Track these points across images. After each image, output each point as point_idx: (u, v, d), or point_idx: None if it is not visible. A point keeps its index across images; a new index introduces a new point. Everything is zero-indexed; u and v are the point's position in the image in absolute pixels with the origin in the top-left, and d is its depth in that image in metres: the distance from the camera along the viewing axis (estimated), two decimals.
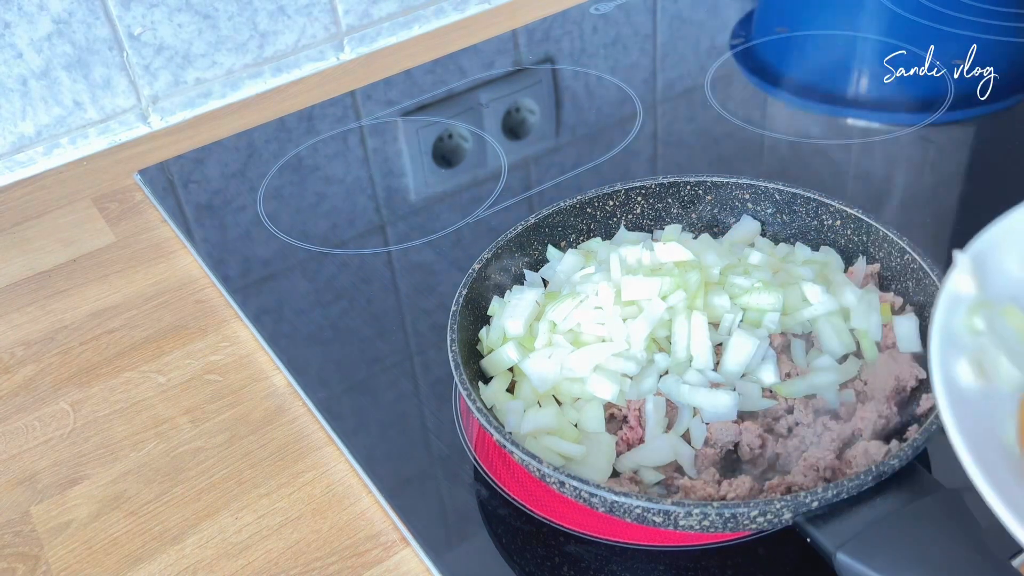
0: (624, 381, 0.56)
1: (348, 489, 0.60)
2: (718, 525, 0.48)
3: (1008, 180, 0.79)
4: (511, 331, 0.60)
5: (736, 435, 0.54)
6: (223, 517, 0.59)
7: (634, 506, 0.48)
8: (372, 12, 1.08)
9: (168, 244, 0.83)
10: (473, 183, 0.86)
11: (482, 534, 0.55)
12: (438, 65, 1.04)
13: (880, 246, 0.63)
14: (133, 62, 0.96)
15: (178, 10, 0.96)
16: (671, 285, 0.58)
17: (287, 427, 0.64)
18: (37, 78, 0.92)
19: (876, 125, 0.88)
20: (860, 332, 0.59)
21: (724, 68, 0.98)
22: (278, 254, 0.79)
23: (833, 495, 0.47)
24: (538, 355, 0.59)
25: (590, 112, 0.94)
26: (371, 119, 0.96)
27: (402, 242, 0.79)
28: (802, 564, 0.52)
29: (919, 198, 0.78)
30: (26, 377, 0.71)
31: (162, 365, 0.70)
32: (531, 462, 0.50)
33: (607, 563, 0.53)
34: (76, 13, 0.91)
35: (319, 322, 0.72)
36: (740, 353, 0.56)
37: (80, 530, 0.59)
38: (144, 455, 0.63)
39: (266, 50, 1.03)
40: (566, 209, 0.68)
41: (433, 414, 0.63)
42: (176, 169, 0.92)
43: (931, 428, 0.50)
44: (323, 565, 0.55)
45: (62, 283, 0.80)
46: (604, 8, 1.11)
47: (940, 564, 0.44)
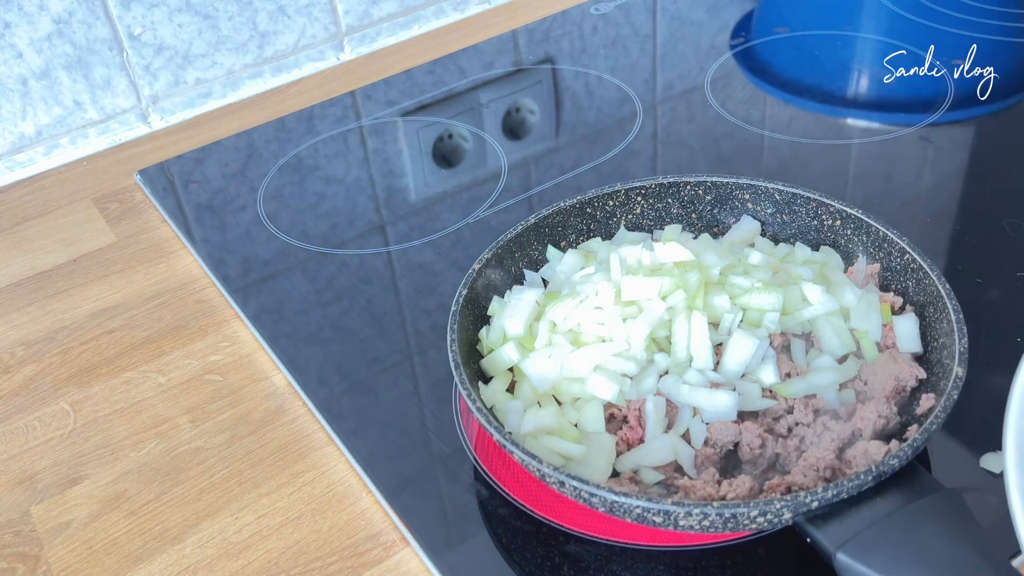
0: (624, 381, 0.56)
1: (348, 489, 0.60)
2: (718, 525, 0.48)
3: (1008, 180, 0.79)
4: (511, 331, 0.60)
5: (736, 435, 0.54)
6: (223, 517, 0.59)
7: (634, 506, 0.48)
8: (372, 12, 1.08)
9: (168, 244, 0.83)
10: (473, 183, 0.86)
11: (482, 534, 0.55)
12: (438, 65, 1.04)
13: (880, 246, 0.63)
14: (133, 62, 0.96)
15: (178, 10, 0.96)
16: (671, 285, 0.58)
17: (287, 427, 0.64)
18: (37, 78, 0.92)
19: (876, 125, 0.88)
20: (860, 332, 0.59)
21: (724, 68, 0.98)
22: (278, 254, 0.79)
23: (833, 495, 0.47)
24: (538, 355, 0.59)
25: (590, 112, 0.94)
26: (371, 119, 0.96)
27: (402, 242, 0.79)
28: (802, 564, 0.52)
29: (919, 198, 0.78)
30: (26, 377, 0.71)
31: (162, 365, 0.70)
32: (531, 462, 0.50)
33: (607, 563, 0.53)
34: (76, 13, 0.91)
35: (319, 322, 0.72)
36: (740, 353, 0.56)
37: (80, 530, 0.59)
38: (144, 455, 0.63)
39: (266, 50, 1.03)
40: (566, 209, 0.68)
41: (433, 414, 0.63)
42: (176, 169, 0.92)
43: (931, 428, 0.50)
44: (323, 565, 0.55)
45: (62, 283, 0.80)
46: (604, 8, 1.11)
47: (940, 564, 0.44)
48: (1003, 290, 0.67)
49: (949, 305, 0.56)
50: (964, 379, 0.52)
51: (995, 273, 0.68)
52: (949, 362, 0.54)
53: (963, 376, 0.52)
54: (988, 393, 0.58)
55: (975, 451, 0.56)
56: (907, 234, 0.61)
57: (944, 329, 0.56)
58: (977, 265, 0.69)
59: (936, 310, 0.58)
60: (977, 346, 0.54)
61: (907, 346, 0.58)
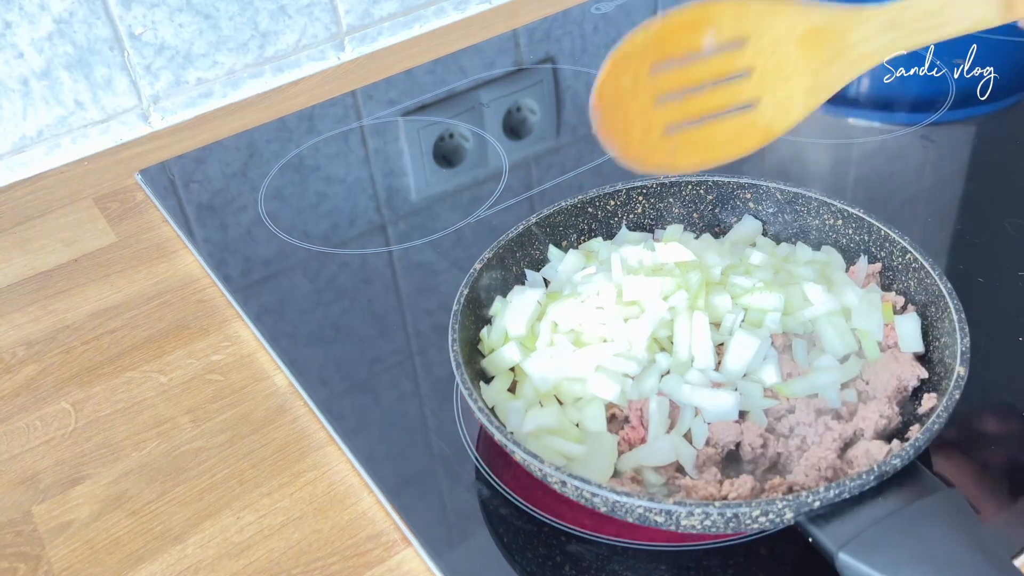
0: (625, 381, 0.56)
1: (349, 489, 0.60)
2: (720, 525, 0.48)
3: (1008, 179, 0.79)
4: (513, 331, 0.60)
5: (737, 435, 0.54)
6: (224, 517, 0.59)
7: (636, 506, 0.48)
8: (373, 12, 1.08)
9: (169, 244, 0.83)
10: (474, 183, 0.86)
11: (483, 534, 0.55)
12: (439, 65, 1.04)
13: (882, 245, 0.63)
14: (134, 62, 0.96)
15: (179, 10, 0.96)
16: (672, 285, 0.58)
17: (288, 427, 0.64)
18: (38, 78, 0.92)
19: (877, 124, 0.88)
20: (862, 332, 0.59)
21: None
22: (279, 254, 0.79)
23: (835, 495, 0.47)
24: (539, 355, 0.59)
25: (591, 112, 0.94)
26: (372, 119, 0.96)
27: (403, 242, 0.79)
28: (803, 564, 0.52)
29: (919, 198, 0.78)
30: (27, 377, 0.71)
31: (163, 365, 0.70)
32: (532, 462, 0.50)
33: (608, 562, 0.53)
34: (77, 13, 0.91)
35: (320, 322, 0.72)
36: (741, 353, 0.56)
37: (82, 530, 0.59)
38: (146, 455, 0.63)
39: (267, 50, 1.03)
40: (567, 209, 0.68)
41: (434, 414, 0.63)
42: (177, 169, 0.92)
43: (933, 428, 0.50)
44: (324, 565, 0.55)
45: (63, 283, 0.80)
46: (605, 8, 1.11)
47: (942, 564, 0.44)
48: (1004, 289, 0.67)
49: (951, 304, 0.56)
50: (966, 379, 0.52)
51: (996, 272, 0.68)
52: (951, 361, 0.54)
53: (965, 376, 0.52)
54: (989, 392, 0.58)
55: (977, 450, 0.56)
56: (908, 233, 0.61)
57: (946, 328, 0.56)
58: (978, 264, 0.69)
59: (938, 309, 0.58)
60: (978, 345, 0.54)
61: (909, 346, 0.58)
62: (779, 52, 0.53)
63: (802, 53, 0.53)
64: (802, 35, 0.53)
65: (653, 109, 0.54)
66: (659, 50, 0.53)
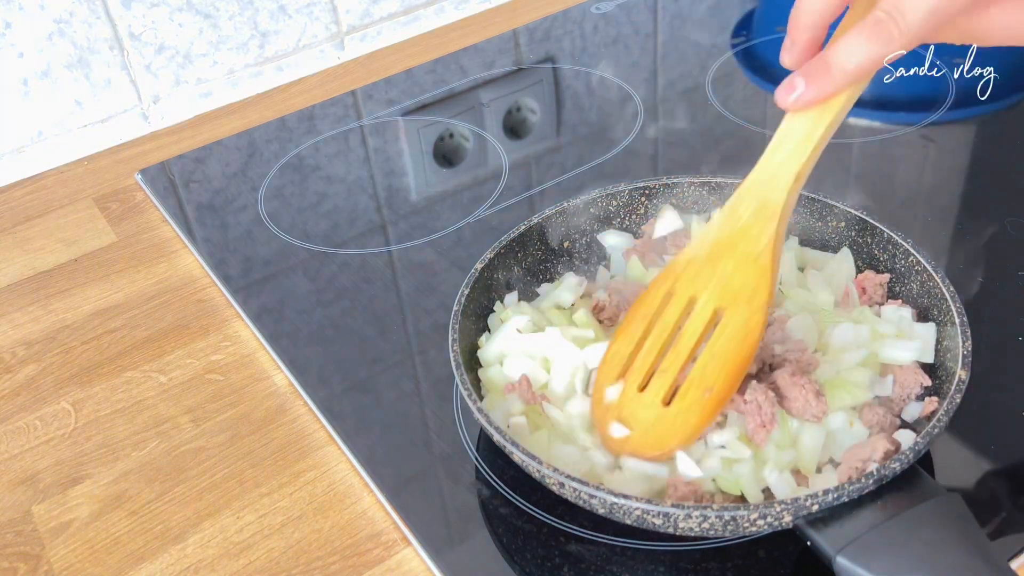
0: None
1: (349, 488, 0.60)
2: (718, 527, 0.48)
3: (1009, 179, 0.79)
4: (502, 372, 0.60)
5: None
6: (224, 516, 0.59)
7: (633, 508, 0.48)
8: (373, 11, 1.08)
9: (169, 244, 0.83)
10: (474, 183, 0.86)
11: (483, 534, 0.55)
12: (439, 64, 1.04)
13: (885, 248, 0.63)
14: (134, 62, 0.96)
15: (179, 9, 0.96)
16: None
17: (288, 426, 0.64)
18: (38, 78, 0.92)
19: (877, 124, 0.88)
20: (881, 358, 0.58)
21: (725, 67, 0.98)
22: (279, 254, 0.79)
23: (834, 498, 0.47)
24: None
25: (591, 111, 0.94)
26: (372, 118, 0.96)
27: (403, 242, 0.79)
28: (802, 566, 0.52)
29: (920, 198, 0.78)
30: (27, 376, 0.71)
31: (163, 364, 0.70)
32: (531, 463, 0.50)
33: (608, 563, 0.53)
34: (77, 13, 0.91)
35: (320, 321, 0.72)
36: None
37: (81, 529, 0.59)
38: (145, 454, 0.63)
39: (267, 49, 1.03)
40: (568, 209, 0.67)
41: (434, 413, 0.63)
42: (177, 169, 0.92)
43: (933, 432, 0.49)
44: (324, 564, 0.55)
45: (63, 283, 0.80)
46: (605, 7, 1.11)
47: (941, 568, 0.44)
48: (1004, 289, 0.67)
49: (954, 308, 0.56)
50: (967, 382, 0.52)
51: (996, 272, 0.68)
52: (952, 365, 0.54)
53: (966, 379, 0.52)
54: (990, 395, 0.58)
55: (977, 454, 0.56)
56: (908, 233, 0.61)
57: (948, 332, 0.56)
58: (978, 264, 0.69)
59: (940, 312, 0.58)
60: (978, 346, 0.54)
61: (923, 356, 0.57)
62: (703, 274, 0.56)
63: (718, 262, 0.55)
64: (708, 255, 0.56)
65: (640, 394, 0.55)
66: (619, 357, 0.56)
